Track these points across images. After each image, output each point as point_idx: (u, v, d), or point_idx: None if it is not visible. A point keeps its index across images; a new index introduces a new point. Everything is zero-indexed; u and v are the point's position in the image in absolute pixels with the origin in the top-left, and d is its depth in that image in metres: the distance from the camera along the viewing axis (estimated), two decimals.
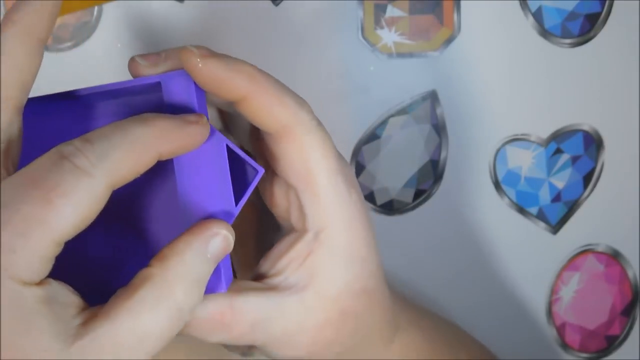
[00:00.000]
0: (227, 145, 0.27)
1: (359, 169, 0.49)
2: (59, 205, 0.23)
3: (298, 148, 0.29)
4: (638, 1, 0.49)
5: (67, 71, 0.47)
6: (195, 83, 0.28)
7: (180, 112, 0.27)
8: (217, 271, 0.27)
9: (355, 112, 0.49)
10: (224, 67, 0.27)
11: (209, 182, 0.27)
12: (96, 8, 0.47)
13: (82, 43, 0.47)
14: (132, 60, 0.29)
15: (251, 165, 0.28)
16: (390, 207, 0.50)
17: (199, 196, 0.27)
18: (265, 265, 0.31)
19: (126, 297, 0.24)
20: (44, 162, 0.24)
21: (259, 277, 0.31)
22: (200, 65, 0.27)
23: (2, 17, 0.47)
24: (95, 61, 0.48)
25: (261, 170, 0.28)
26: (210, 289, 0.27)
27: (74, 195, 0.23)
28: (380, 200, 0.50)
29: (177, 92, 0.27)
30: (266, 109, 0.28)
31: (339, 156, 0.30)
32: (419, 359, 0.35)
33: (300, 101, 0.29)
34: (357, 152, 0.49)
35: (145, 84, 0.28)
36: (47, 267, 0.23)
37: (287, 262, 0.30)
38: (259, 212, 0.35)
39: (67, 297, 0.24)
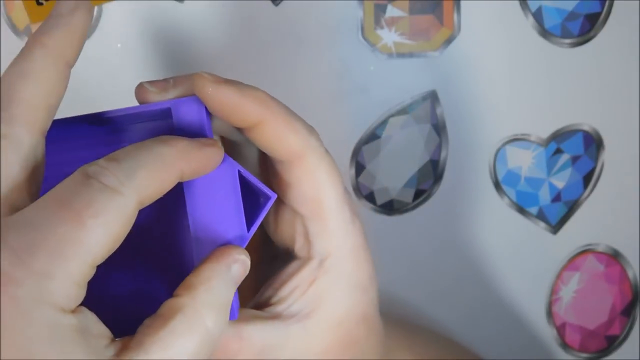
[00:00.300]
0: (238, 171, 0.27)
1: (359, 169, 0.49)
2: (92, 226, 0.22)
3: (309, 175, 0.29)
4: (638, 1, 0.50)
5: None
6: (206, 109, 0.28)
7: (191, 135, 0.27)
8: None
9: (355, 112, 0.49)
10: (237, 93, 0.28)
11: (221, 208, 0.27)
12: (96, 8, 0.47)
13: None
14: (140, 87, 0.28)
15: (263, 191, 0.28)
16: (390, 207, 0.50)
17: (212, 223, 0.27)
18: (267, 293, 0.31)
19: (157, 328, 0.24)
20: (70, 183, 0.23)
21: (261, 305, 0.31)
22: (212, 91, 0.27)
23: (1, 17, 0.47)
24: (95, 61, 0.48)
25: (273, 196, 0.28)
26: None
27: (106, 215, 0.23)
28: (380, 200, 0.50)
29: (188, 118, 0.27)
30: (278, 135, 0.28)
31: (344, 184, 0.31)
32: None
33: (310, 128, 0.30)
34: (357, 152, 0.49)
35: (155, 109, 0.28)
36: (82, 293, 0.23)
37: (291, 290, 0.30)
38: (257, 240, 0.35)
39: (98, 326, 0.24)
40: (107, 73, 0.48)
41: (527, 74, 0.49)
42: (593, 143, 0.50)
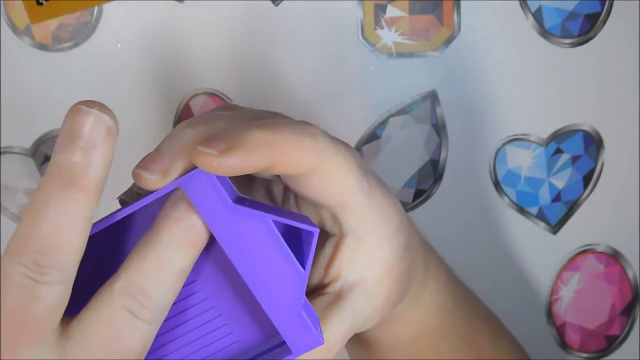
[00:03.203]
0: (272, 221, 0.28)
1: None
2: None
3: (328, 180, 0.29)
4: (638, 1, 0.49)
5: (67, 71, 0.47)
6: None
7: (211, 206, 0.27)
8: (307, 328, 0.28)
9: (355, 112, 0.49)
10: (243, 156, 0.27)
11: (273, 263, 0.28)
12: (96, 8, 0.47)
13: (82, 43, 0.47)
14: (137, 176, 0.28)
15: (304, 229, 0.29)
16: None
17: (269, 280, 0.28)
18: (316, 277, 0.32)
19: None
20: (106, 314, 0.26)
21: (316, 289, 0.32)
22: (218, 165, 0.26)
23: (1, 17, 0.47)
24: (95, 61, 0.48)
25: (316, 231, 0.28)
26: (310, 345, 0.28)
27: (140, 349, 0.26)
28: None
29: (201, 187, 0.27)
30: (292, 164, 0.28)
31: (357, 158, 0.31)
32: (447, 296, 0.38)
33: (313, 131, 0.29)
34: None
35: (165, 193, 0.27)
36: None
37: (340, 265, 0.31)
38: None
39: None
40: (107, 73, 0.48)
41: (527, 74, 0.49)
42: (593, 143, 0.50)
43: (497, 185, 0.50)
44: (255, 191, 0.34)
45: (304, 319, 0.28)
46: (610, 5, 0.49)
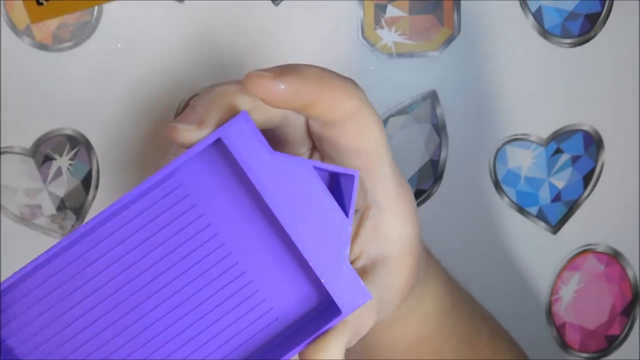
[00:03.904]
0: (313, 166, 0.27)
1: None
2: None
3: (365, 130, 0.29)
4: (638, 1, 0.49)
5: (67, 71, 0.47)
6: (252, 122, 0.27)
7: (251, 155, 0.26)
8: (355, 280, 0.27)
9: None
10: (296, 83, 0.27)
11: (316, 211, 0.27)
12: (96, 8, 0.47)
13: (82, 43, 0.47)
14: (173, 130, 0.27)
15: (344, 173, 0.28)
16: None
17: (313, 229, 0.27)
18: None
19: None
20: None
21: None
22: (271, 90, 0.26)
23: (1, 17, 0.47)
24: (95, 61, 0.48)
25: (356, 173, 0.28)
26: (359, 301, 0.27)
27: None
28: None
29: (242, 138, 0.26)
30: (336, 104, 0.28)
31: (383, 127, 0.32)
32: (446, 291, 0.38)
33: (355, 83, 0.30)
34: None
35: (205, 146, 0.26)
36: None
37: (363, 241, 0.31)
38: None
39: None
40: (107, 73, 0.48)
41: (527, 74, 0.49)
42: (593, 143, 0.50)
43: (497, 185, 0.50)
44: None
45: (352, 271, 0.27)
46: (610, 5, 0.49)
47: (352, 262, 0.31)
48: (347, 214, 0.27)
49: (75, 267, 0.27)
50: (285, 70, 0.27)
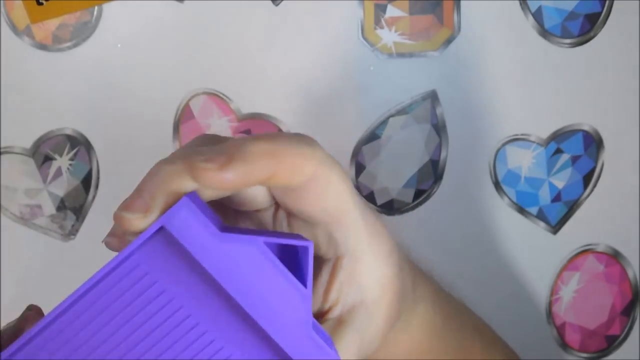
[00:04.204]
0: (264, 243, 0.26)
1: (359, 169, 0.49)
2: None
3: (327, 191, 0.29)
4: (638, 1, 0.50)
5: (67, 71, 0.47)
6: (199, 202, 0.26)
7: (198, 240, 0.26)
8: (321, 348, 0.27)
9: (355, 112, 0.49)
10: (245, 167, 0.26)
11: (272, 287, 0.26)
12: (96, 8, 0.47)
13: (82, 43, 0.47)
14: (119, 218, 0.26)
15: (298, 245, 0.28)
16: (390, 207, 0.50)
17: (272, 305, 0.26)
18: (315, 304, 0.32)
19: None
20: None
21: (318, 316, 0.31)
22: (220, 180, 0.26)
23: (1, 17, 0.47)
24: (95, 61, 0.48)
25: (310, 244, 0.27)
26: None
27: None
28: (380, 200, 0.50)
29: (184, 222, 0.26)
30: (293, 172, 0.27)
31: (346, 174, 0.31)
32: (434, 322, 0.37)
33: (309, 141, 0.29)
34: (357, 152, 0.49)
35: (149, 236, 0.26)
36: None
37: (338, 289, 0.31)
38: None
39: None
40: (107, 73, 0.48)
41: (527, 74, 0.49)
42: (593, 143, 0.50)
43: (497, 185, 0.50)
44: (242, 224, 0.33)
45: (316, 340, 0.27)
46: (610, 5, 0.49)
47: (327, 311, 0.31)
48: (305, 285, 0.27)
49: (47, 352, 0.27)
50: (229, 157, 0.26)
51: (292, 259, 0.28)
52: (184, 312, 0.27)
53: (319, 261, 0.31)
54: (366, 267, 0.31)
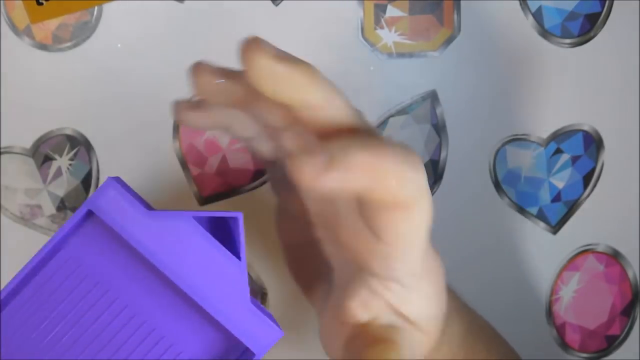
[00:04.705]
0: (192, 217, 0.26)
1: None
2: None
3: (407, 218, 0.27)
4: (638, 1, 0.50)
5: (67, 71, 0.47)
6: (123, 184, 0.26)
7: (127, 220, 0.26)
8: (262, 320, 0.27)
9: None
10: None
11: (206, 262, 0.26)
12: (96, 8, 0.47)
13: (82, 43, 0.47)
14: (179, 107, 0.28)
15: (225, 217, 0.27)
16: None
17: (208, 280, 0.26)
18: (351, 313, 0.31)
19: None
20: None
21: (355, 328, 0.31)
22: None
23: (1, 17, 0.47)
24: (95, 61, 0.48)
25: (239, 215, 0.26)
26: (270, 340, 0.27)
27: None
28: None
29: (111, 204, 0.26)
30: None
31: (430, 208, 0.29)
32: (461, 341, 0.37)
33: (414, 161, 0.26)
34: None
35: (75, 223, 0.26)
36: None
37: (379, 308, 0.31)
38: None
39: None
40: (107, 73, 0.48)
41: (527, 74, 0.49)
42: (593, 143, 0.50)
43: (497, 185, 0.50)
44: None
45: (257, 312, 0.26)
46: (610, 5, 0.49)
47: (364, 326, 0.30)
48: (239, 257, 0.26)
49: None
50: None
51: (224, 233, 0.28)
52: (120, 303, 0.27)
53: (365, 272, 0.30)
54: (415, 300, 0.30)
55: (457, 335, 0.36)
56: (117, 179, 0.27)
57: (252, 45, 0.25)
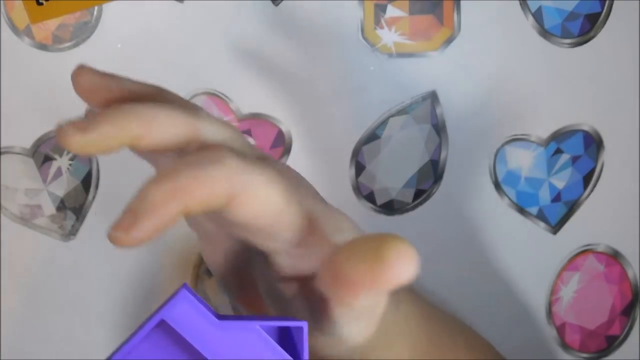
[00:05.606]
0: (259, 326, 0.27)
1: (359, 169, 0.49)
2: None
3: (253, 200, 0.26)
4: (638, 1, 0.50)
5: (67, 71, 0.47)
6: (193, 293, 0.27)
7: (198, 330, 0.26)
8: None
9: (355, 112, 0.49)
10: (153, 220, 0.24)
11: None
12: (96, 8, 0.47)
13: (82, 43, 0.47)
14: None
15: (292, 325, 0.28)
16: (390, 207, 0.50)
17: None
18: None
19: None
20: None
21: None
22: (135, 239, 0.24)
23: (1, 17, 0.47)
24: (95, 61, 0.47)
25: (304, 324, 0.27)
26: None
27: None
28: (380, 200, 0.50)
29: (183, 314, 0.26)
30: (207, 201, 0.25)
31: (282, 171, 0.29)
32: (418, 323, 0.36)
33: (217, 157, 0.26)
34: (357, 152, 0.49)
35: (147, 333, 0.26)
36: None
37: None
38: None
39: None
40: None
41: (527, 74, 0.49)
42: (593, 143, 0.50)
43: (497, 185, 0.50)
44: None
45: None
46: (610, 5, 0.49)
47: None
48: None
49: None
50: (136, 216, 0.25)
51: (288, 339, 0.29)
52: None
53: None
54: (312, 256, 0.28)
55: (415, 309, 0.36)
56: (189, 289, 0.27)
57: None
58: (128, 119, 0.26)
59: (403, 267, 0.25)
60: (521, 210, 0.51)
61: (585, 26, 0.49)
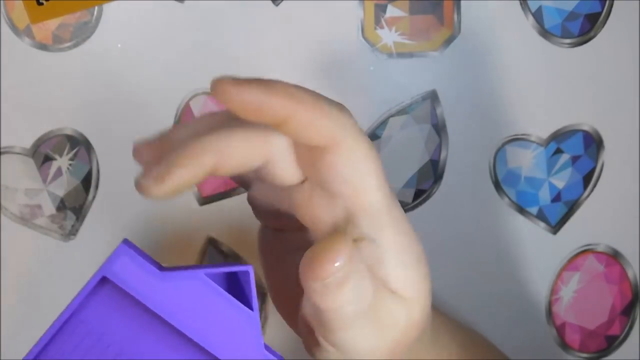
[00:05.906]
0: (204, 274, 0.27)
1: None
2: None
3: (346, 159, 0.28)
4: (638, 1, 0.50)
5: (67, 71, 0.47)
6: (135, 247, 0.27)
7: (141, 283, 0.27)
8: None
9: (355, 112, 0.49)
10: (261, 92, 0.27)
11: (220, 317, 0.27)
12: (96, 8, 0.47)
13: (82, 43, 0.47)
14: (140, 185, 0.27)
15: (238, 270, 0.28)
16: None
17: (223, 334, 0.27)
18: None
19: None
20: None
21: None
22: (236, 93, 0.27)
23: (1, 17, 0.47)
24: (95, 61, 0.48)
25: (250, 268, 0.28)
26: None
27: None
28: None
29: (125, 271, 0.27)
30: (308, 123, 0.27)
31: (377, 157, 0.29)
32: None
33: (340, 107, 0.29)
34: None
35: (89, 292, 0.27)
36: None
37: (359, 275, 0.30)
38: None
39: None
40: (107, 73, 0.48)
41: (527, 74, 0.49)
42: (593, 143, 0.50)
43: (497, 185, 0.50)
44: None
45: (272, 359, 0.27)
46: (610, 5, 0.49)
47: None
48: (251, 308, 0.28)
49: None
50: (250, 81, 0.27)
51: (236, 286, 0.29)
52: None
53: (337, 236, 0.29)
54: (393, 261, 0.29)
55: (449, 344, 0.35)
56: (128, 243, 0.28)
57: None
58: (200, 155, 0.27)
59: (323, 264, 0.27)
60: (521, 210, 0.51)
61: (585, 26, 0.49)
